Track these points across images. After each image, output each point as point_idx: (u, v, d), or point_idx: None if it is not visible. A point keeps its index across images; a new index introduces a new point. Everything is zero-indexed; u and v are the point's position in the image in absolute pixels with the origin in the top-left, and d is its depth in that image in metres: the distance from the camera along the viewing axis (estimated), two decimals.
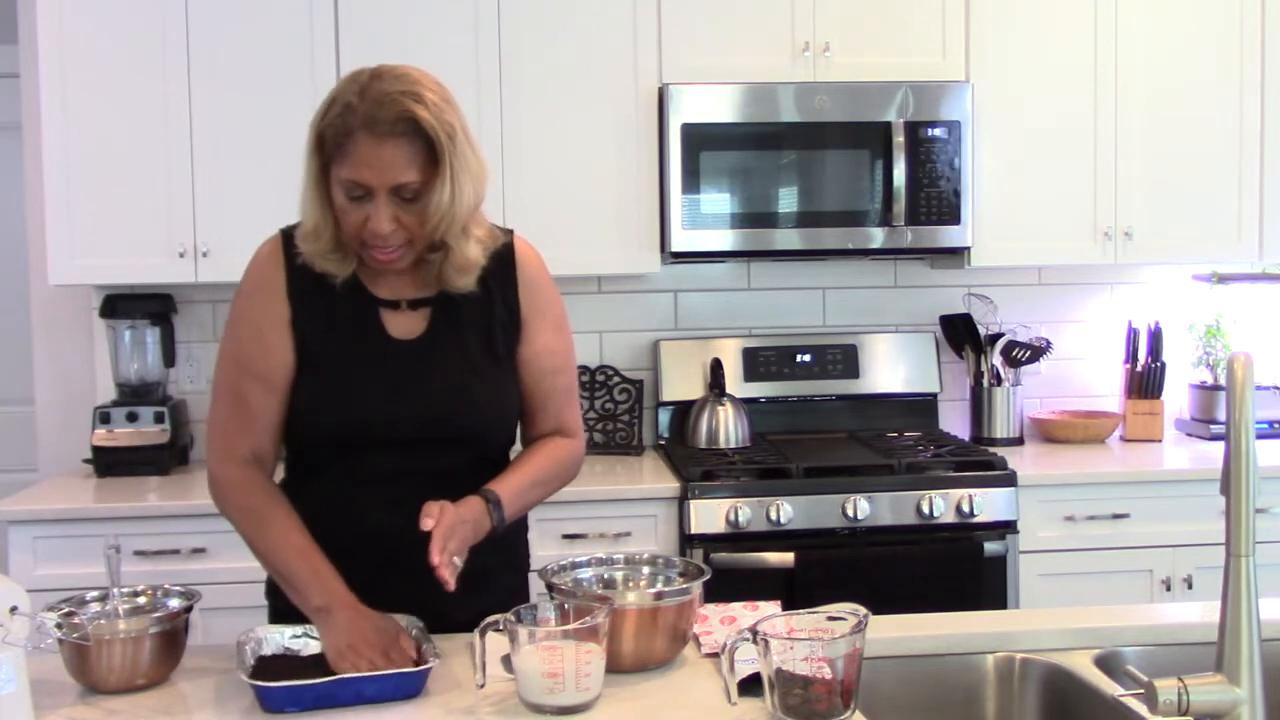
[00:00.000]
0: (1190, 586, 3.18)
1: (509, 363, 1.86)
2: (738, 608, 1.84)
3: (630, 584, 1.76)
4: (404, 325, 1.82)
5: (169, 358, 3.44)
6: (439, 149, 1.67)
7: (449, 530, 1.63)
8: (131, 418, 3.29)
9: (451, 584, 1.60)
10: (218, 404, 1.83)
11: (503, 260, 1.85)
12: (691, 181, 3.27)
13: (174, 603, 1.70)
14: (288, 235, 1.83)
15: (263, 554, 1.76)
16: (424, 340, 1.81)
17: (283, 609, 1.80)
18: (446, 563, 1.60)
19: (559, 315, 1.92)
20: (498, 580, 1.85)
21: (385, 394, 1.78)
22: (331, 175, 1.70)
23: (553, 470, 1.88)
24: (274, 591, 1.88)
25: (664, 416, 3.63)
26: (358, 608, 1.66)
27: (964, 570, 3.04)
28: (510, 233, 1.89)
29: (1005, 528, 3.10)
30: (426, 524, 1.61)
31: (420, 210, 1.70)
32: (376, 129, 1.65)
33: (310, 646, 1.66)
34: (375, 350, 1.80)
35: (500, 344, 1.84)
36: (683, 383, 3.59)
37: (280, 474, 1.88)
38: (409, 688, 1.54)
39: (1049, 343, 3.67)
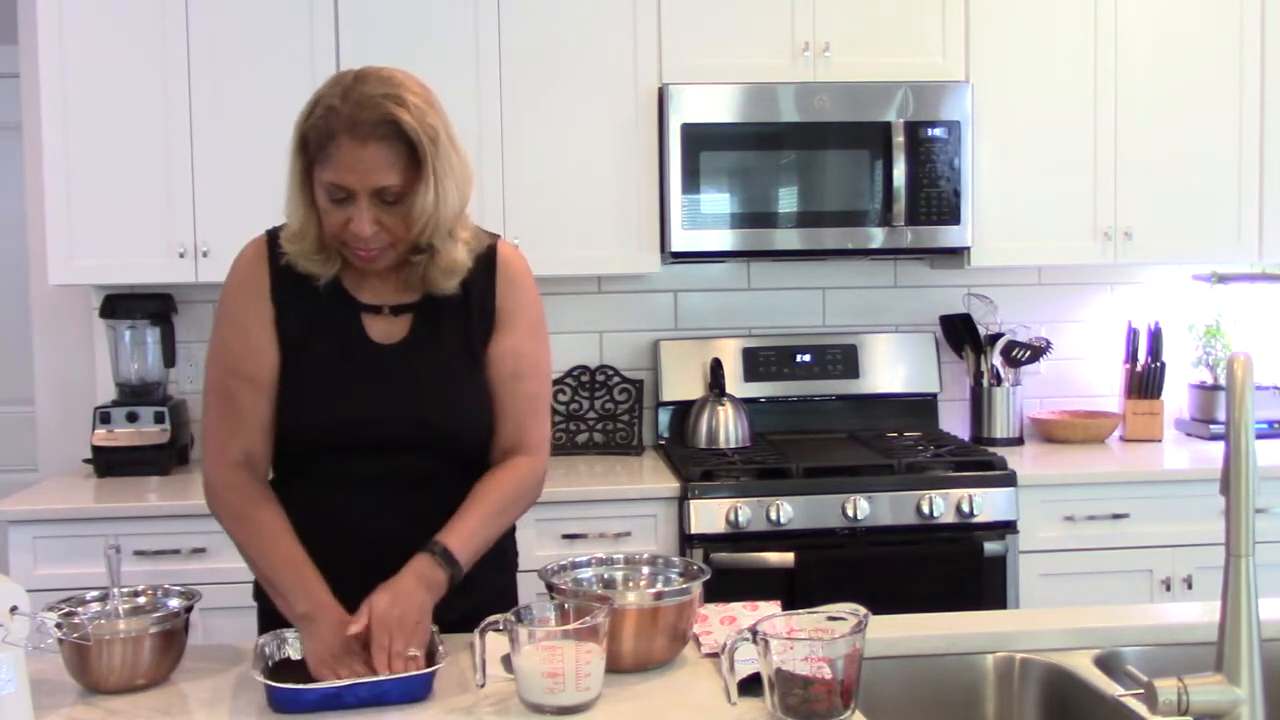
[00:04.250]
0: (1190, 586, 3.18)
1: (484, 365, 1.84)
2: (738, 608, 1.84)
3: (630, 584, 1.76)
4: (385, 330, 1.81)
5: (169, 358, 3.43)
6: (421, 152, 1.66)
7: (387, 630, 1.59)
8: (131, 418, 3.29)
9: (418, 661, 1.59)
10: (209, 406, 1.83)
11: (485, 263, 1.83)
12: (691, 181, 3.27)
13: (174, 603, 1.70)
14: (273, 236, 1.83)
15: (252, 559, 1.76)
16: (404, 345, 1.81)
17: (270, 611, 1.80)
18: (400, 659, 1.57)
19: (534, 321, 1.87)
20: (484, 580, 1.84)
21: (363, 398, 1.78)
22: (314, 177, 1.70)
23: (508, 500, 1.81)
24: (261, 594, 1.88)
25: (664, 416, 3.63)
26: (342, 617, 1.64)
27: (964, 570, 3.04)
28: (496, 237, 1.89)
29: (1005, 528, 3.10)
30: (352, 629, 1.60)
31: (403, 213, 1.69)
32: (358, 132, 1.64)
33: None
34: (355, 354, 1.79)
35: (478, 346, 1.83)
36: (683, 383, 3.59)
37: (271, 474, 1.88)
38: (415, 691, 1.54)
39: (1049, 343, 3.67)
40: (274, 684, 1.50)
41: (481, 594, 1.82)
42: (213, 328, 1.85)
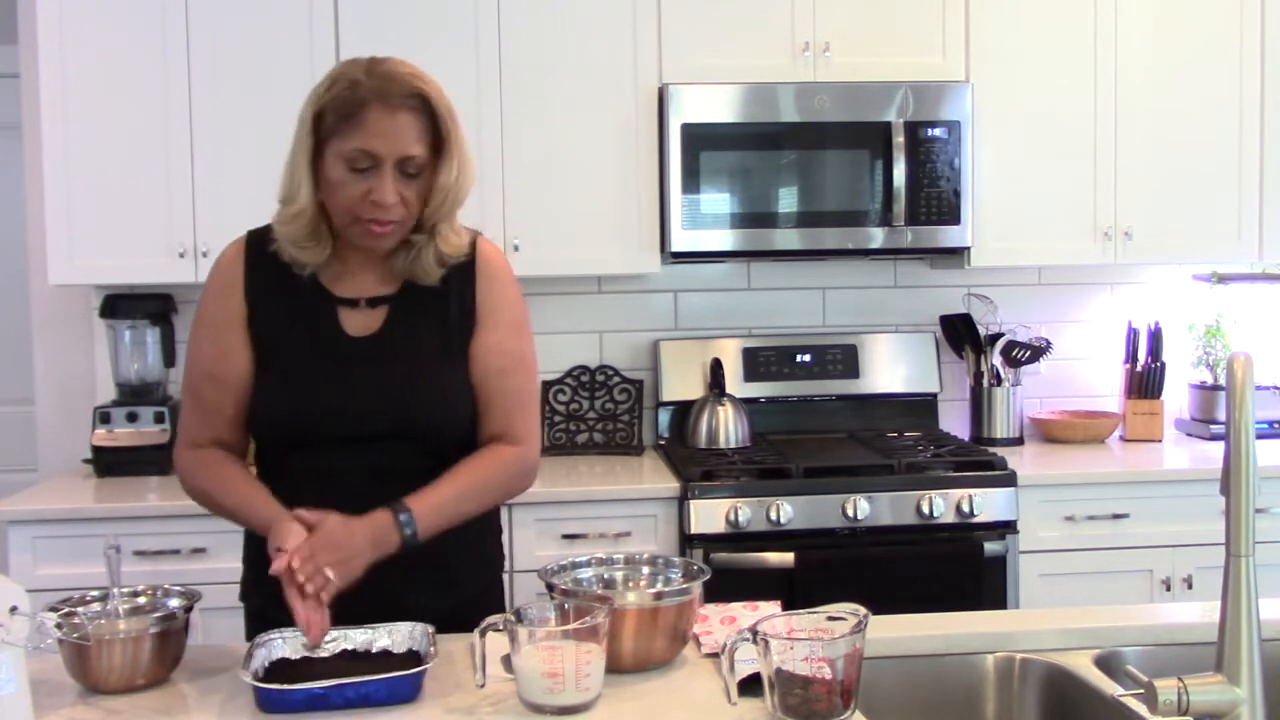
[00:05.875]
0: (1190, 586, 3.18)
1: (463, 360, 1.85)
2: (738, 608, 1.84)
3: (630, 584, 1.76)
4: (360, 323, 1.83)
5: (169, 358, 3.44)
6: (444, 128, 1.74)
7: (311, 550, 1.62)
8: (131, 418, 3.29)
9: (321, 597, 1.59)
10: (182, 403, 1.90)
11: (465, 259, 1.86)
12: (691, 181, 3.27)
13: (174, 603, 1.70)
14: (253, 235, 1.87)
15: (230, 509, 1.80)
16: (378, 337, 1.82)
17: (257, 612, 1.84)
18: (307, 575, 1.59)
19: (516, 316, 1.89)
20: (465, 577, 1.86)
21: (335, 390, 1.79)
22: (329, 151, 1.73)
23: (485, 480, 1.82)
24: (247, 595, 1.91)
25: (664, 416, 3.63)
26: (275, 534, 1.67)
27: (964, 570, 3.04)
28: (476, 233, 1.90)
29: (1005, 528, 3.10)
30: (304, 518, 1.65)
31: (419, 188, 1.74)
32: (389, 100, 1.70)
33: (328, 649, 1.65)
34: (329, 347, 1.81)
35: (455, 342, 1.84)
36: (683, 383, 3.59)
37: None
38: (401, 692, 1.53)
39: (1049, 343, 3.67)
40: (260, 684, 1.50)
41: (463, 592, 1.84)
42: (191, 326, 1.89)
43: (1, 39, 4.00)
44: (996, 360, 3.65)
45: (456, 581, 1.82)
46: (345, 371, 1.80)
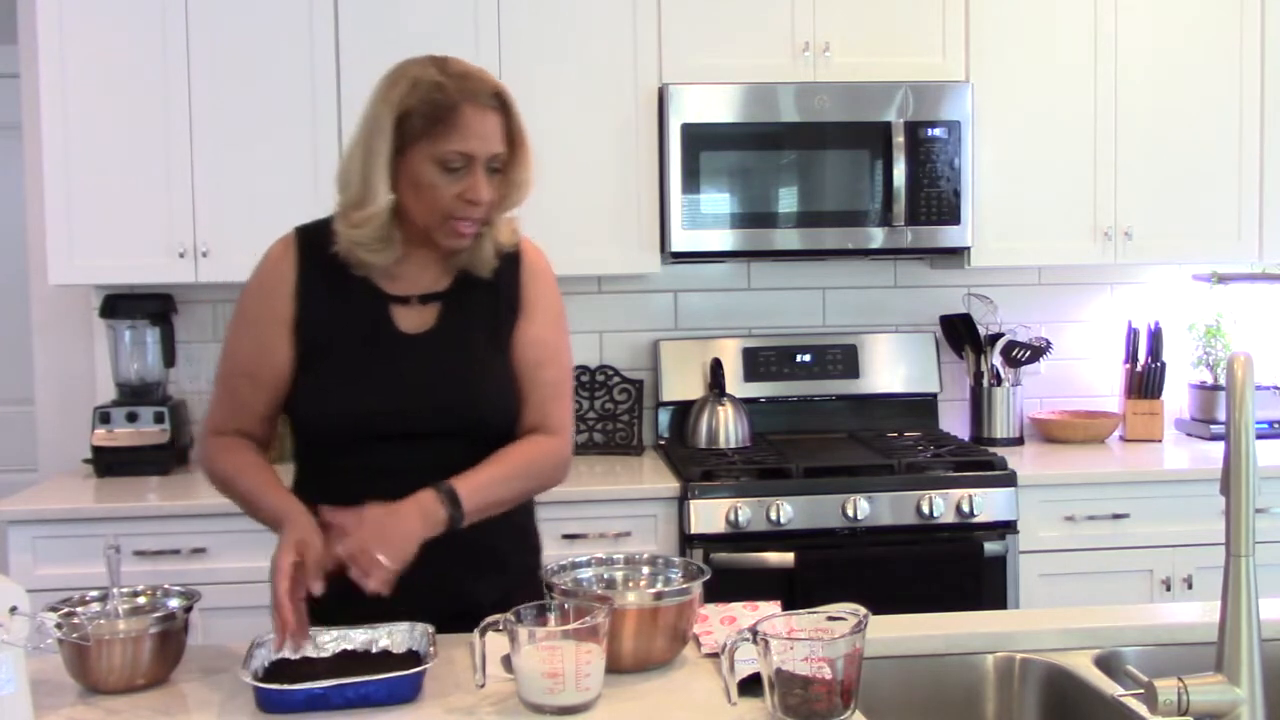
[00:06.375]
0: (1190, 586, 3.18)
1: (509, 352, 1.87)
2: (738, 608, 1.84)
3: (630, 584, 1.76)
4: (414, 320, 1.84)
5: (169, 358, 3.44)
6: (518, 124, 1.80)
7: (361, 542, 1.61)
8: (131, 418, 3.29)
9: (380, 588, 1.59)
10: (214, 391, 1.90)
11: (510, 256, 1.90)
12: (691, 181, 3.27)
13: (174, 603, 1.70)
14: (303, 232, 1.86)
15: (243, 494, 1.80)
16: (432, 334, 1.84)
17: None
18: (362, 568, 1.59)
19: (556, 311, 1.93)
20: (516, 562, 1.90)
21: (392, 387, 1.80)
22: (415, 153, 1.74)
23: (524, 467, 1.83)
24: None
25: (664, 416, 3.63)
26: (295, 526, 1.67)
27: (964, 570, 3.04)
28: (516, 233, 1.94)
29: (1005, 528, 3.10)
30: (335, 517, 1.64)
31: (501, 184, 1.79)
32: (479, 100, 1.75)
33: (328, 649, 1.65)
34: (383, 345, 1.82)
35: (505, 335, 1.87)
36: (683, 383, 3.59)
37: (291, 475, 1.91)
38: (401, 692, 1.53)
39: (1049, 343, 3.67)
40: (260, 684, 1.50)
41: (513, 575, 1.87)
42: (230, 320, 1.89)
43: (1, 39, 4.00)
44: (996, 360, 3.65)
45: (506, 566, 1.86)
46: (399, 368, 1.81)
